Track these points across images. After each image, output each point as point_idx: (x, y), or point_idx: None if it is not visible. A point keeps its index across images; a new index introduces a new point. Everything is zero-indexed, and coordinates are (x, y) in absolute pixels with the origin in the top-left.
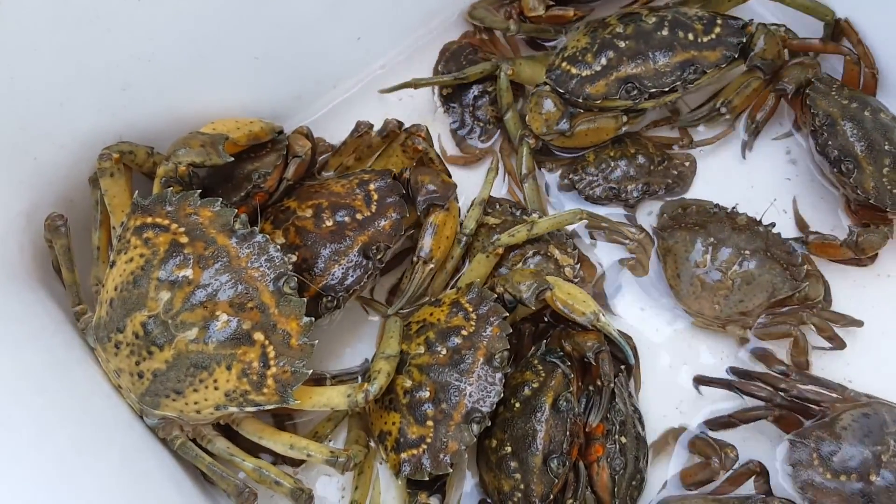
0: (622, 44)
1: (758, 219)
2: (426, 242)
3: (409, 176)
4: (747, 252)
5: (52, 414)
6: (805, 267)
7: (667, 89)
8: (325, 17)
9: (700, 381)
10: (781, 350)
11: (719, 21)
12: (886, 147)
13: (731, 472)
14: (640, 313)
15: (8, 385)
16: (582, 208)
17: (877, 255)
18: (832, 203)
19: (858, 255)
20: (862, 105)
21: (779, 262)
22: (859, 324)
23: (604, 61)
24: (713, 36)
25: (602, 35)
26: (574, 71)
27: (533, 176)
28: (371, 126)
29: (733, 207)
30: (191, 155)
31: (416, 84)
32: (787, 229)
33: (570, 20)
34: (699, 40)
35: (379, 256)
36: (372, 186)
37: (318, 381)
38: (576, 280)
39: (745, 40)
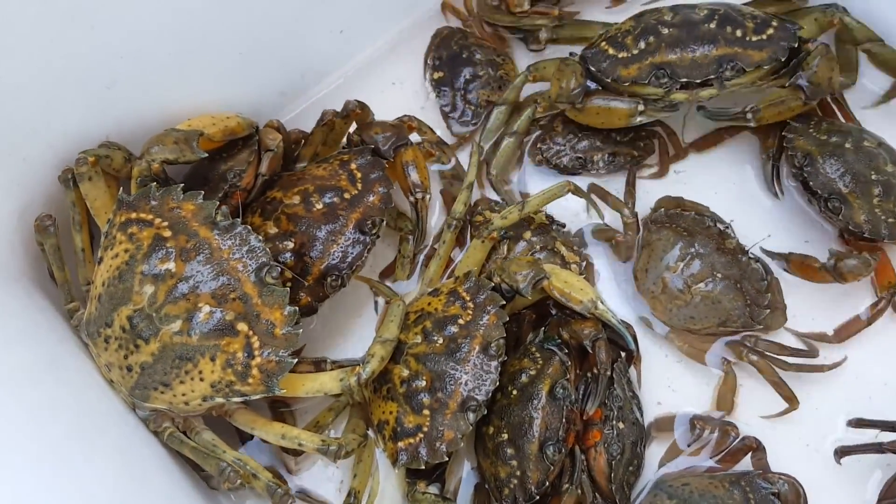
0: (665, 31)
1: (746, 248)
2: (415, 179)
3: (361, 135)
4: (719, 275)
5: (46, 408)
6: (767, 311)
7: (699, 81)
8: (308, 10)
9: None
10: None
11: (774, 23)
12: (874, 176)
13: (728, 448)
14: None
15: (2, 380)
16: (568, 180)
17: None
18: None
19: (840, 281)
20: (842, 137)
21: (744, 297)
22: (820, 368)
23: (642, 45)
24: (764, 37)
25: (647, 20)
26: (611, 52)
27: (519, 136)
28: (336, 112)
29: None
30: (164, 152)
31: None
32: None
33: (555, 18)
34: (747, 38)
35: (374, 230)
36: (353, 165)
37: (318, 366)
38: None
39: (796, 45)
